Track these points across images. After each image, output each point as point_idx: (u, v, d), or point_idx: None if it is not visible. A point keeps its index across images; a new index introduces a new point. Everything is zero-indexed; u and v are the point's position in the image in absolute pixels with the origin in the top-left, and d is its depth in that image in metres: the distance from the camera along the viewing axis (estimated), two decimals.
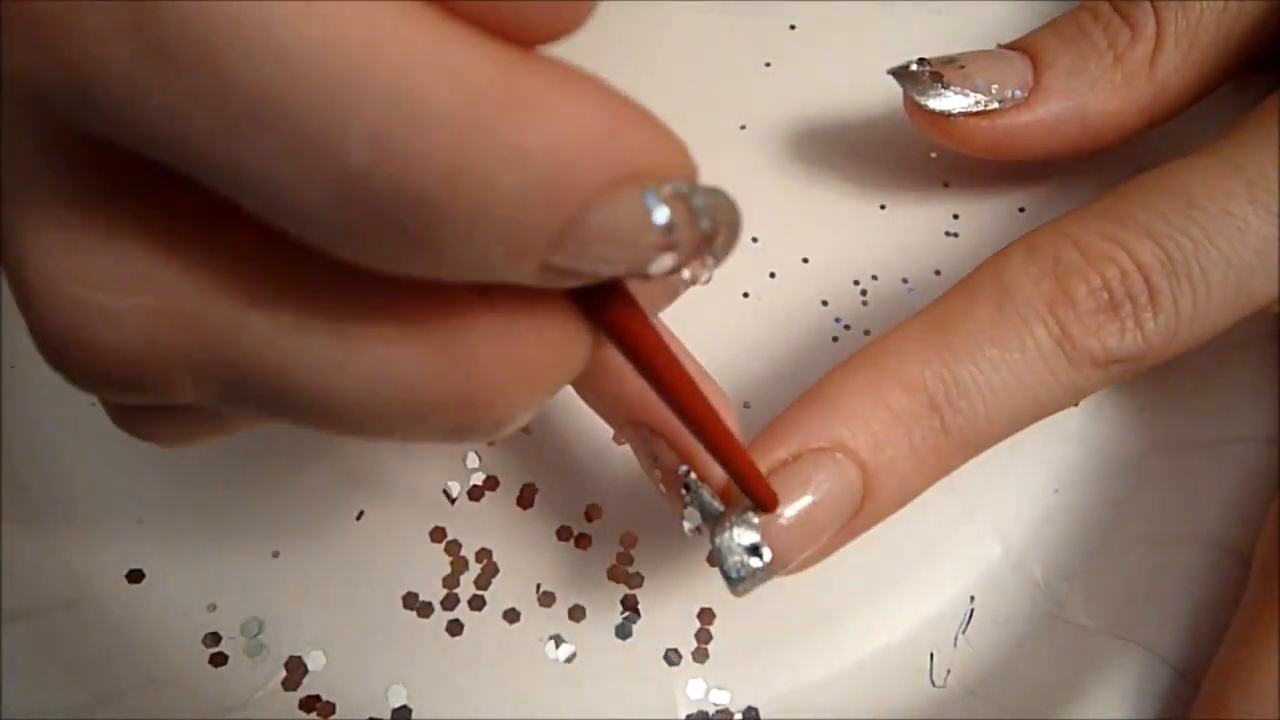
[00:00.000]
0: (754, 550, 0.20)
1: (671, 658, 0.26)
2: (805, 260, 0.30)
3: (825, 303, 0.29)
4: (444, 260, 0.12)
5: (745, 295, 0.30)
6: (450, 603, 0.26)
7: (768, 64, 0.32)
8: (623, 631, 0.26)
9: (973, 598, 0.26)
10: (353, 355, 0.14)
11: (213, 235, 0.14)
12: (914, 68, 0.27)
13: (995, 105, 0.26)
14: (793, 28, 0.33)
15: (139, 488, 0.27)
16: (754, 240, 0.30)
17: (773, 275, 0.30)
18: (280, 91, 0.11)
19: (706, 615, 0.26)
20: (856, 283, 0.30)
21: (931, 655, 0.26)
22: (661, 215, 0.13)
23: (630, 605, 0.26)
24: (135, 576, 0.27)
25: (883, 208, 0.30)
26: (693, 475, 0.21)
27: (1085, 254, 0.22)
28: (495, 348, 0.14)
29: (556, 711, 0.25)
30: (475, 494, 0.27)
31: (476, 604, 0.26)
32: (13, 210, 0.13)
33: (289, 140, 0.11)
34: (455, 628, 0.26)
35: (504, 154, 0.12)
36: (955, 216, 0.30)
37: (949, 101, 0.26)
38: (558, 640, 0.26)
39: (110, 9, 0.11)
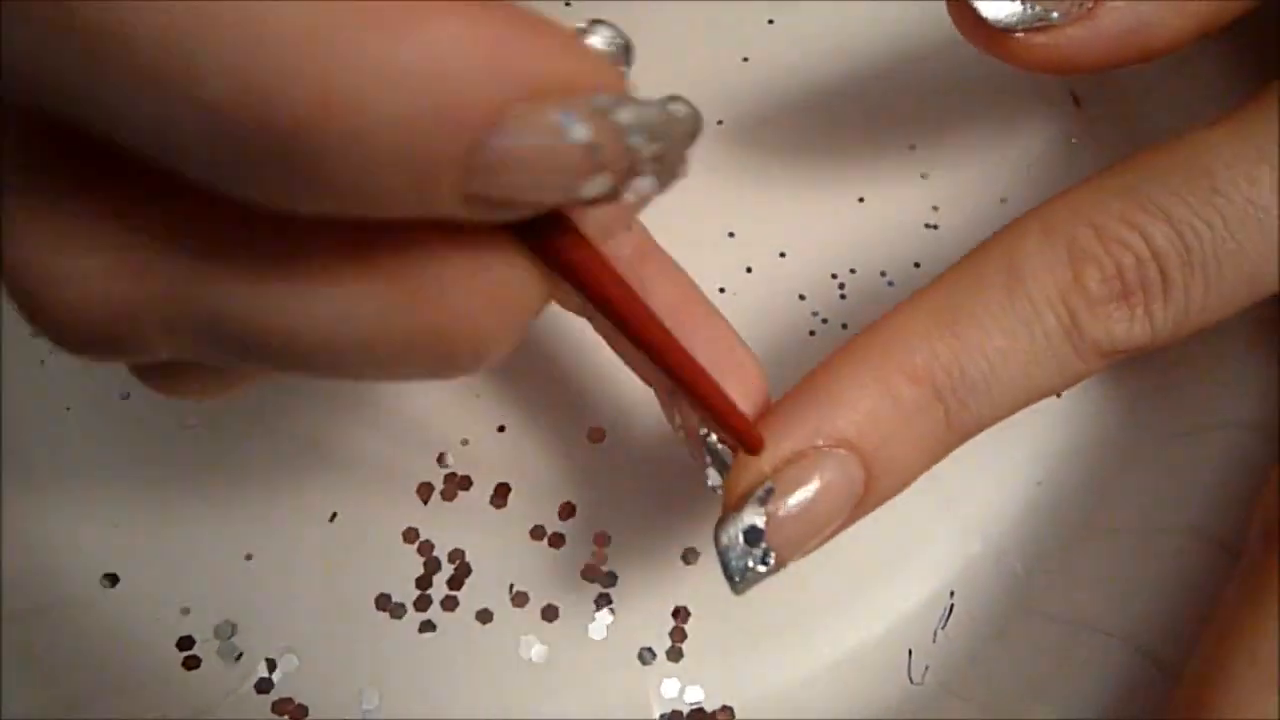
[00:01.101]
0: (758, 546, 0.20)
1: (645, 657, 0.25)
2: (782, 254, 0.30)
3: (802, 297, 0.29)
4: (344, 195, 0.12)
5: (721, 290, 0.29)
6: (423, 604, 0.26)
7: (745, 59, 0.32)
8: (596, 631, 0.26)
9: (952, 593, 0.26)
10: (313, 299, 0.14)
11: (159, 192, 0.14)
12: None
13: (1054, 17, 0.23)
14: (770, 22, 0.33)
15: (113, 492, 0.27)
16: (730, 235, 0.30)
17: (749, 270, 0.29)
18: (128, 29, 0.11)
19: (681, 614, 0.26)
20: (834, 276, 0.29)
21: (910, 652, 0.25)
22: (579, 133, 0.12)
23: (604, 604, 0.26)
24: (109, 580, 0.27)
25: (860, 200, 0.30)
26: (713, 437, 0.21)
27: (1101, 237, 0.21)
28: (459, 280, 0.14)
29: (530, 711, 0.25)
30: (448, 494, 0.27)
31: (449, 604, 0.26)
32: None
33: (148, 80, 0.11)
34: (428, 628, 0.26)
35: (376, 75, 0.11)
36: (935, 208, 0.30)
37: (1003, 8, 0.24)
38: (531, 640, 0.26)
39: None
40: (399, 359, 0.14)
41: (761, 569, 0.20)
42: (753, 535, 0.20)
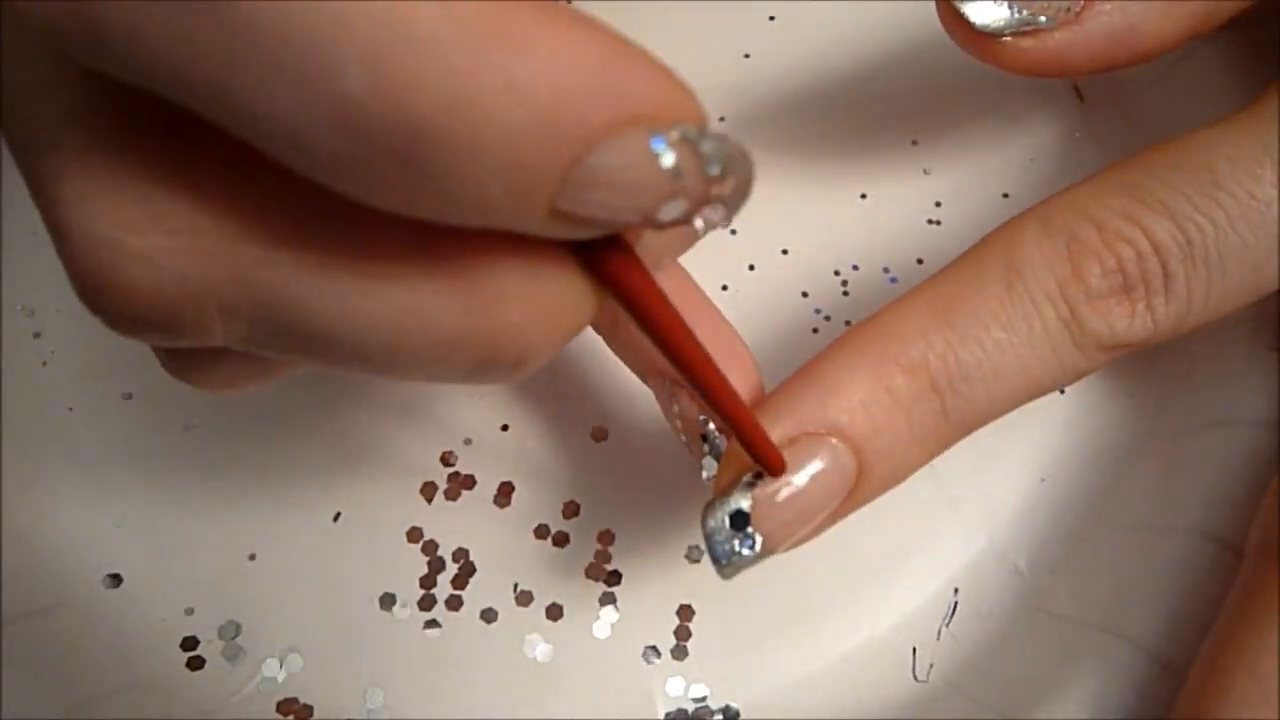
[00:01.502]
0: (744, 533, 0.20)
1: (650, 655, 0.25)
2: (785, 251, 0.30)
3: (805, 294, 0.29)
4: (448, 198, 0.13)
5: (724, 288, 0.29)
6: (427, 603, 0.26)
7: (746, 55, 0.32)
8: (601, 630, 0.26)
9: (956, 590, 0.26)
10: (377, 294, 0.14)
11: (237, 177, 0.14)
12: None
13: (1043, 20, 0.23)
14: (771, 19, 0.33)
15: (116, 492, 0.27)
16: (732, 232, 0.30)
17: (751, 267, 0.29)
18: (277, 20, 0.11)
19: (685, 612, 0.26)
20: (837, 273, 0.29)
21: (914, 650, 0.25)
22: (668, 159, 0.13)
23: (608, 603, 0.26)
24: (113, 581, 0.27)
25: (863, 196, 0.30)
26: (711, 426, 0.21)
27: (1101, 232, 0.21)
28: (518, 289, 0.14)
29: (535, 711, 0.25)
30: (452, 493, 0.27)
31: (454, 604, 0.26)
32: (44, 156, 0.14)
33: (288, 69, 0.12)
34: (432, 628, 0.26)
35: (501, 85, 0.12)
36: (937, 204, 0.30)
37: (990, 13, 0.24)
38: (535, 639, 0.26)
39: None
40: (444, 362, 0.15)
41: (747, 553, 0.20)
42: (739, 519, 0.20)
